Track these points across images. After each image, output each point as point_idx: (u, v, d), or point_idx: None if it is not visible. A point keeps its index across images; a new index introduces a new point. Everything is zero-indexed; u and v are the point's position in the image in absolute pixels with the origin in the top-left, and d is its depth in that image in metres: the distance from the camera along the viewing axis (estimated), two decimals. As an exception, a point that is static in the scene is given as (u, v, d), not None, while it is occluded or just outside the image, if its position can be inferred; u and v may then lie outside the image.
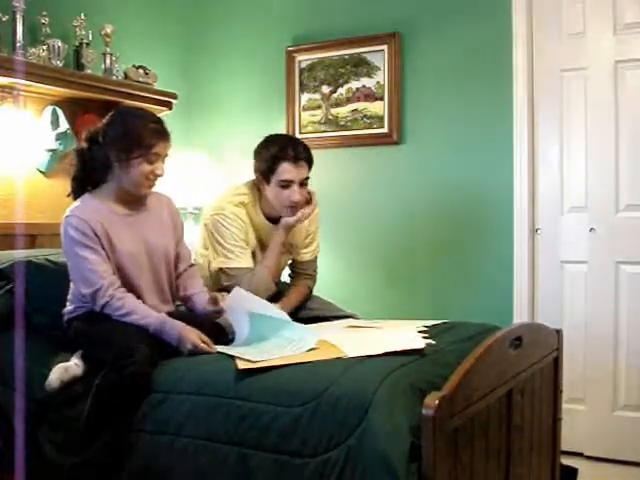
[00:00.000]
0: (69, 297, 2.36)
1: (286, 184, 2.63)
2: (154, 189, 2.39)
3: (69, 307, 2.35)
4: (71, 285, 2.35)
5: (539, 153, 3.36)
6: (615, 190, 3.16)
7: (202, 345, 2.15)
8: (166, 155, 2.32)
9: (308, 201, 2.73)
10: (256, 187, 2.74)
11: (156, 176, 2.31)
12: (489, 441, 1.92)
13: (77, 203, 2.31)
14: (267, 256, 2.74)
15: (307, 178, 2.69)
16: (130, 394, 2.00)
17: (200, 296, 2.45)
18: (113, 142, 2.25)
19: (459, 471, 1.74)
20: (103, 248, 2.24)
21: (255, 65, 3.97)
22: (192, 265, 2.54)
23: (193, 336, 2.17)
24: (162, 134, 2.29)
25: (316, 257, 2.94)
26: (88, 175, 2.34)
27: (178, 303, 2.54)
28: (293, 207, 2.67)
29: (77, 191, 2.35)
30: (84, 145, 2.35)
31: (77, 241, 2.21)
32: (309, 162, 2.69)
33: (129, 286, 2.28)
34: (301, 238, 2.86)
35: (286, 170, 2.62)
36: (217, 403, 1.91)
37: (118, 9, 3.59)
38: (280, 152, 2.61)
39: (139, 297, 2.28)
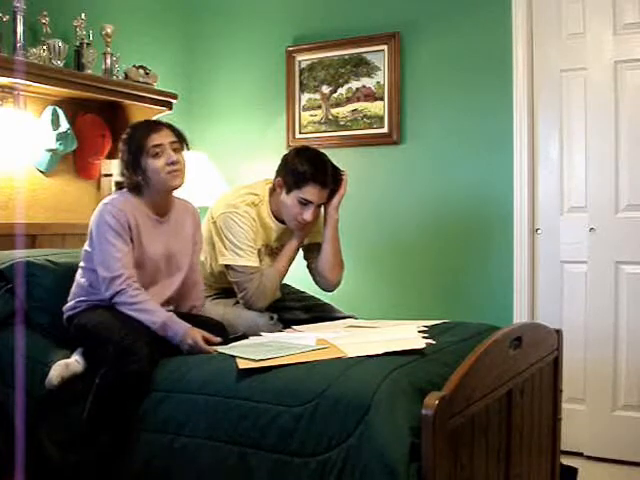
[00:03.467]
0: (72, 290, 2.39)
1: (305, 203, 2.65)
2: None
3: (70, 303, 2.38)
4: (77, 278, 2.39)
5: (539, 153, 3.36)
6: (615, 190, 3.16)
7: (201, 343, 2.18)
8: (172, 143, 2.35)
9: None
10: (271, 187, 2.76)
11: (172, 164, 2.33)
12: (489, 441, 1.92)
13: (115, 195, 2.38)
14: (279, 260, 2.76)
15: (324, 202, 2.73)
16: (131, 393, 2.01)
17: (197, 307, 2.56)
18: (126, 160, 2.35)
19: (459, 471, 1.74)
20: (132, 241, 2.30)
21: (255, 65, 3.97)
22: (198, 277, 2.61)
23: (196, 334, 2.20)
24: (150, 128, 2.36)
25: None
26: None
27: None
28: (301, 222, 2.69)
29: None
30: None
31: (111, 227, 2.26)
32: (333, 189, 2.72)
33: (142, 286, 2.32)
34: (314, 230, 2.88)
35: (310, 192, 2.63)
36: (218, 402, 1.91)
37: (119, 9, 3.59)
38: (312, 174, 2.62)
39: None
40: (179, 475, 1.92)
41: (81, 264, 2.39)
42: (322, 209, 2.79)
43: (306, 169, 2.63)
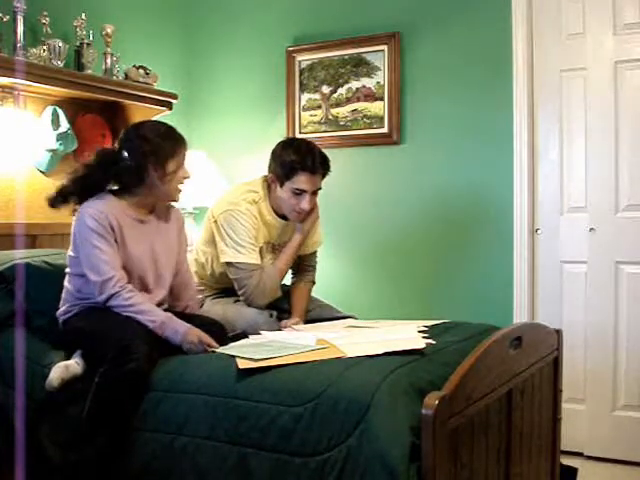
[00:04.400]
0: (62, 297, 2.39)
1: (299, 192, 2.65)
2: None
3: (62, 308, 2.38)
4: (65, 284, 2.38)
5: (539, 153, 3.36)
6: (615, 190, 3.16)
7: (205, 339, 2.20)
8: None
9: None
10: (267, 184, 2.76)
11: (185, 179, 2.39)
12: (489, 441, 1.92)
13: (96, 199, 2.34)
14: (281, 258, 2.77)
15: (319, 189, 2.72)
16: (130, 391, 2.01)
17: (191, 306, 2.56)
18: (147, 157, 2.30)
19: (459, 471, 1.74)
20: (116, 242, 2.29)
21: (255, 65, 3.97)
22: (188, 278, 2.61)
23: (198, 333, 2.21)
24: (183, 140, 2.38)
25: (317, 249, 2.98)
26: (88, 189, 2.36)
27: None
28: (300, 213, 2.69)
29: (66, 197, 2.36)
30: (95, 163, 2.38)
31: (93, 230, 2.25)
32: (324, 174, 2.72)
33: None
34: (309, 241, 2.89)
35: (302, 180, 2.64)
36: (217, 402, 1.91)
37: (119, 9, 3.59)
38: (299, 162, 2.63)
39: None
40: (179, 475, 1.92)
41: (67, 270, 2.39)
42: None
43: (293, 158, 2.63)
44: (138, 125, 2.45)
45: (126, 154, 2.33)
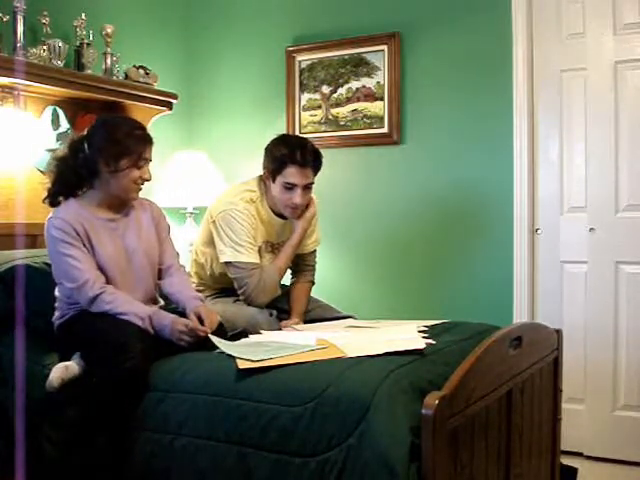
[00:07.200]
0: (56, 304, 2.38)
1: (290, 186, 2.65)
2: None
3: (57, 314, 2.37)
4: (55, 293, 2.38)
5: (539, 153, 3.36)
6: (615, 190, 3.16)
7: (194, 324, 2.20)
8: (150, 159, 2.36)
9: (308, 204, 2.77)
10: (263, 182, 2.77)
11: (144, 180, 2.35)
12: (489, 441, 1.92)
13: (59, 207, 2.33)
14: (280, 257, 2.77)
15: (312, 183, 2.71)
16: (127, 390, 2.01)
17: (184, 293, 2.44)
18: (101, 151, 2.28)
19: (459, 471, 1.74)
20: (85, 246, 2.27)
21: (255, 65, 3.97)
22: (180, 265, 2.54)
23: (182, 323, 2.20)
24: (147, 139, 2.34)
25: (316, 248, 2.97)
26: (69, 182, 2.35)
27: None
28: (293, 208, 2.69)
29: (56, 196, 2.35)
30: (66, 153, 2.36)
31: (59, 240, 2.24)
32: (315, 168, 2.71)
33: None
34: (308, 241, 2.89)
35: (291, 174, 2.64)
36: (217, 402, 1.91)
37: (119, 9, 3.59)
38: (289, 155, 2.63)
39: None
40: (179, 475, 1.92)
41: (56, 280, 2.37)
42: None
43: (283, 152, 2.64)
44: (105, 119, 2.43)
45: (86, 145, 2.31)
